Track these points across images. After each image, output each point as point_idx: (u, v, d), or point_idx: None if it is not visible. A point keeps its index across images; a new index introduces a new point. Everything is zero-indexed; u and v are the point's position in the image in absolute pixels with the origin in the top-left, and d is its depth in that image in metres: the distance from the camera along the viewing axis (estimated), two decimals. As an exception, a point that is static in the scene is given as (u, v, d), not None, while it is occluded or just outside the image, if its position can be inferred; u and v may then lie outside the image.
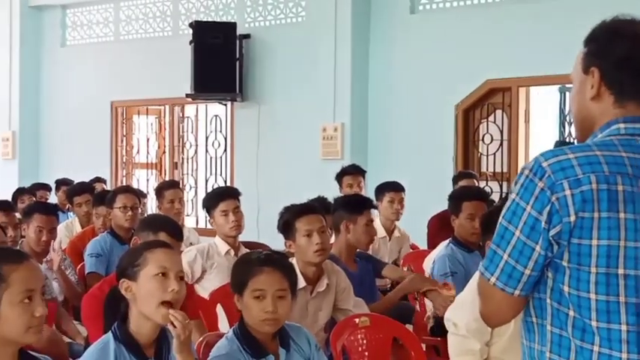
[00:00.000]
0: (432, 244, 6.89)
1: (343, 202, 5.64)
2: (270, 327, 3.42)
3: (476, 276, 2.49)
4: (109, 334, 3.18)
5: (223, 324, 4.75)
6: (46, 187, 9.99)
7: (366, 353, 4.41)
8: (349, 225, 5.32)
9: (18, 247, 5.63)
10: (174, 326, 3.09)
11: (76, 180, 9.17)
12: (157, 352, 3.21)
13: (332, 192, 6.94)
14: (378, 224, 6.68)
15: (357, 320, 4.52)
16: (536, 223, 2.03)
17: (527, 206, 2.04)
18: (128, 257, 3.32)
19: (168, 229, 4.41)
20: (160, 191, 7.37)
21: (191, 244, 6.76)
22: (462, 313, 3.82)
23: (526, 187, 2.06)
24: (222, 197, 5.86)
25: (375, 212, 6.23)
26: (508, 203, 2.10)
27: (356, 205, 5.46)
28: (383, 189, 7.32)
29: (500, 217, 2.10)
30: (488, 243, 3.43)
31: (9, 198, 8.15)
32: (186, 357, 3.14)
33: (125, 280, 3.22)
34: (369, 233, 5.39)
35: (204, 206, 6.05)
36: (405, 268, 6.13)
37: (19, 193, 9.14)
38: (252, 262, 3.55)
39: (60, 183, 9.92)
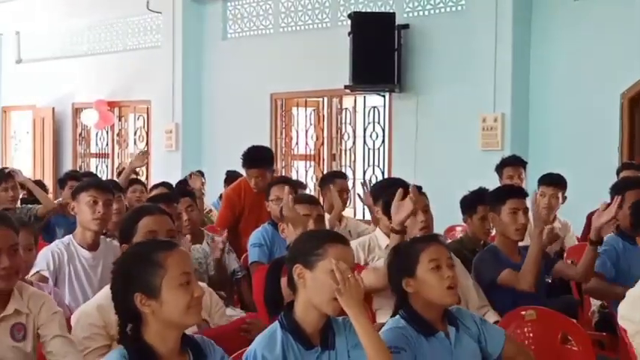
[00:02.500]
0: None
1: (489, 194, 5.60)
2: (452, 296, 3.44)
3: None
4: (276, 324, 3.18)
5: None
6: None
7: (533, 347, 4.29)
8: (494, 216, 5.26)
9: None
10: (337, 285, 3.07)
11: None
12: (322, 341, 3.19)
13: (492, 183, 6.81)
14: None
15: (523, 313, 4.42)
16: None
17: None
18: (308, 244, 3.24)
19: None
20: (324, 181, 7.42)
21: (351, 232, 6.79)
22: (636, 309, 3.67)
23: None
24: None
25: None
26: None
27: (496, 196, 5.38)
28: (538, 181, 7.17)
29: None
30: None
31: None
32: (357, 314, 3.07)
33: (299, 266, 3.17)
34: (516, 222, 5.23)
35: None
36: (570, 262, 5.96)
37: (182, 183, 9.37)
38: (417, 240, 3.63)
39: (230, 175, 9.89)
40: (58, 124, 15.54)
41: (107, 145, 14.96)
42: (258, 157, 7.48)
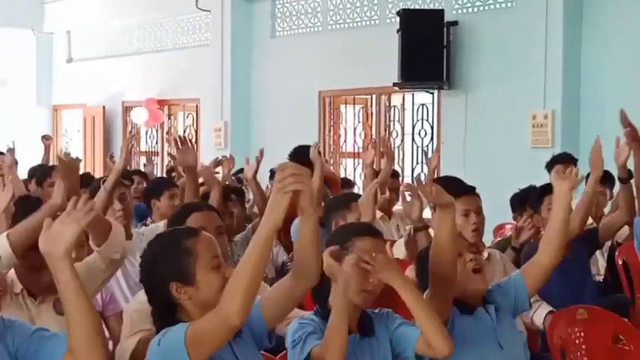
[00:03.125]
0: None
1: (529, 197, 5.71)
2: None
3: None
4: (312, 313, 3.26)
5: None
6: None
7: (584, 346, 4.23)
8: (537, 217, 5.34)
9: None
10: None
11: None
12: (361, 328, 3.25)
13: (542, 181, 6.72)
14: None
15: (576, 313, 4.37)
16: None
17: None
18: (338, 237, 3.32)
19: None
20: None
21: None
22: None
23: None
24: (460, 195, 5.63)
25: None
26: None
27: (534, 196, 5.48)
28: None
29: None
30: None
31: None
32: (403, 284, 3.16)
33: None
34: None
35: None
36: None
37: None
38: None
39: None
40: (108, 123, 15.69)
41: (157, 143, 15.06)
42: (304, 156, 7.48)
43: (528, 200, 5.64)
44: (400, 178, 11.32)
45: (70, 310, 2.51)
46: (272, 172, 9.98)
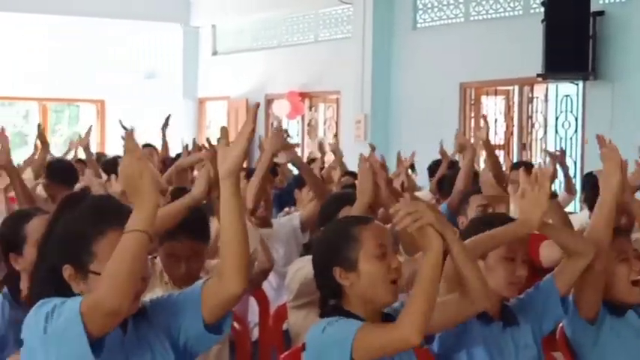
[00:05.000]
0: None
1: None
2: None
3: None
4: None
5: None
6: None
7: None
8: None
9: None
10: None
11: (427, 160, 9.27)
12: (503, 317, 3.29)
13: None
14: None
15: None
16: None
17: None
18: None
19: None
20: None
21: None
22: None
23: None
24: None
25: None
26: None
27: None
28: None
29: None
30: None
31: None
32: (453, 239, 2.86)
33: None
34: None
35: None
36: None
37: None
38: None
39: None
40: (251, 115, 15.94)
41: (297, 134, 15.24)
42: None
43: None
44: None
45: (223, 227, 2.54)
46: (430, 170, 9.53)
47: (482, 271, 3.14)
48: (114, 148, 11.29)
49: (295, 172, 7.99)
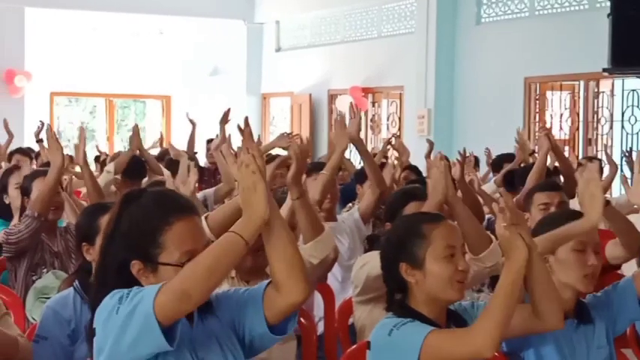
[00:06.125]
0: None
1: None
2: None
3: None
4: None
5: None
6: None
7: None
8: None
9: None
10: None
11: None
12: (577, 314, 3.24)
13: None
14: None
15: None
16: None
17: None
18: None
19: None
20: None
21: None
22: None
23: None
24: None
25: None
26: None
27: None
28: None
29: None
30: None
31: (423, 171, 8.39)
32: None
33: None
34: None
35: None
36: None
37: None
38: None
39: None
40: (315, 110, 16.03)
41: (360, 130, 15.22)
42: None
43: None
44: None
45: (277, 240, 2.53)
46: (493, 164, 9.37)
47: (553, 265, 3.15)
48: (179, 143, 11.40)
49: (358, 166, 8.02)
